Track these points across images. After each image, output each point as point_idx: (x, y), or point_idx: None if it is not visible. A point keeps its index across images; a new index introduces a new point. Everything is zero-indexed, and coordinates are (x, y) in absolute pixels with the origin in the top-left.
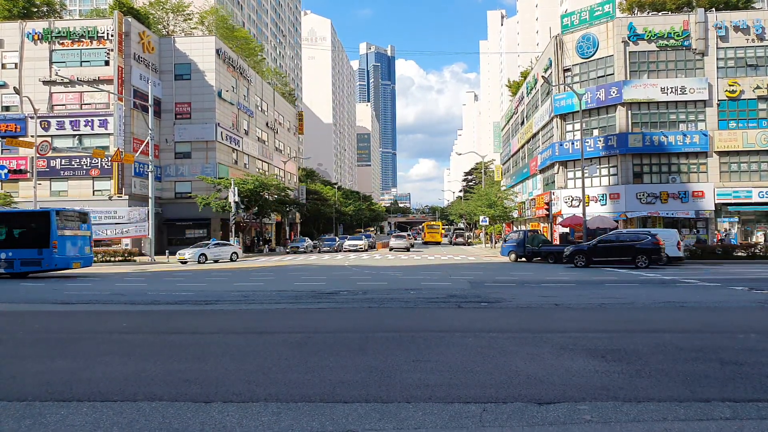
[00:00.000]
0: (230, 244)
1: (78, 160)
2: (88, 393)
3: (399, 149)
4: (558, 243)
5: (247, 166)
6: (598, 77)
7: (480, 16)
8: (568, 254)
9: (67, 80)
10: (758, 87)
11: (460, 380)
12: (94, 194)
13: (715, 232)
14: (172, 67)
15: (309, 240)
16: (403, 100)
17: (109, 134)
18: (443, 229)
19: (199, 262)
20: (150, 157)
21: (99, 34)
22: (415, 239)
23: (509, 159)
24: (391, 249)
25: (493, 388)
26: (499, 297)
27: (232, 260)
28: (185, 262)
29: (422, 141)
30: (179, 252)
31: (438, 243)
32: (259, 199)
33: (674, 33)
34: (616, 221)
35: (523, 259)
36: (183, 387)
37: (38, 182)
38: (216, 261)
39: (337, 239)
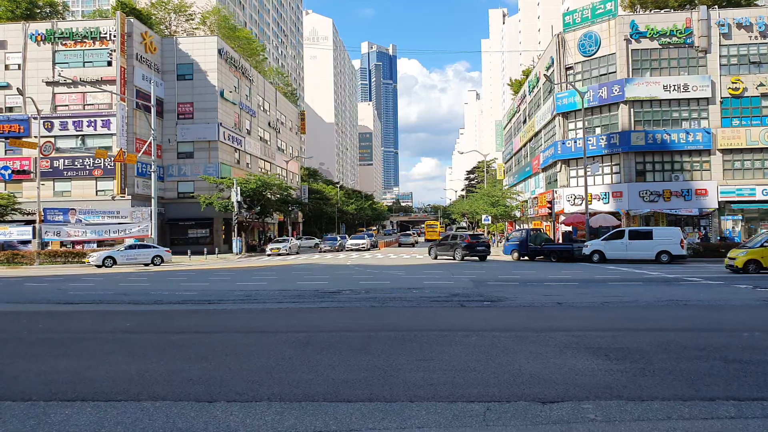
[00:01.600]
0: (154, 246)
1: (81, 161)
2: (91, 393)
3: (402, 148)
4: (561, 242)
5: (249, 165)
6: (601, 75)
7: (482, 15)
8: (429, 247)
9: (70, 81)
10: (761, 84)
11: (464, 379)
12: (97, 194)
13: (695, 230)
14: (175, 67)
15: (293, 239)
16: (407, 98)
17: (111, 134)
18: (442, 227)
19: (105, 266)
20: (153, 157)
21: (101, 35)
22: (419, 236)
23: (511, 157)
24: (400, 244)
25: (497, 387)
26: (501, 296)
27: (154, 264)
28: (100, 266)
29: (425, 140)
30: (89, 254)
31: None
32: (262, 199)
33: (677, 30)
34: (619, 217)
35: (526, 257)
36: (186, 386)
37: (41, 183)
38: (146, 265)
39: (338, 238)
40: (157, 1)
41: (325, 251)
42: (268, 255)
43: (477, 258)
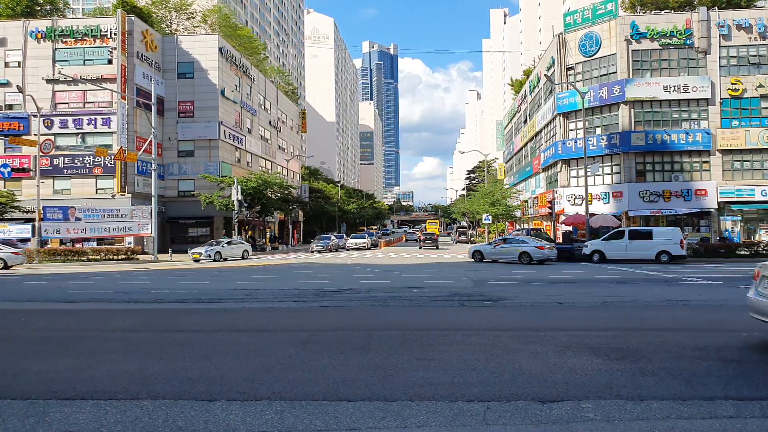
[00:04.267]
0: None
1: (81, 159)
2: (91, 391)
3: (404, 147)
4: (561, 241)
5: (250, 164)
6: (601, 75)
7: (484, 15)
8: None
9: (70, 79)
10: (761, 85)
11: (464, 378)
12: (97, 193)
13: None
14: (175, 65)
15: (236, 241)
16: (410, 98)
17: (112, 133)
18: (441, 226)
19: None
20: (153, 156)
21: (102, 33)
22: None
23: (512, 157)
24: (406, 240)
25: (497, 387)
26: (502, 295)
27: None
28: None
29: (427, 139)
30: None
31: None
32: (262, 198)
33: (677, 31)
34: (619, 217)
35: None
36: (187, 385)
37: (41, 181)
38: None
39: (333, 237)
40: None
41: (316, 251)
42: (195, 261)
43: (432, 245)
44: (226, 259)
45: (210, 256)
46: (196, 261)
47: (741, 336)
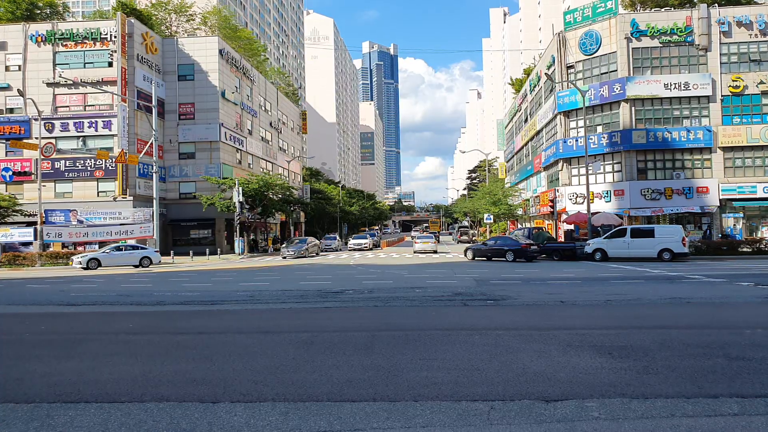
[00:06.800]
0: None
1: (82, 162)
2: (95, 394)
3: (406, 147)
4: (563, 240)
5: (251, 166)
6: (602, 74)
7: (484, 14)
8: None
9: (71, 82)
10: (762, 82)
11: (467, 378)
12: (98, 195)
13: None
14: (176, 67)
15: (147, 247)
16: (413, 98)
17: (113, 135)
18: (443, 226)
19: None
20: (154, 158)
21: (102, 36)
22: (422, 232)
23: (513, 156)
24: (412, 238)
25: (501, 386)
26: (504, 294)
27: None
28: None
29: (429, 139)
30: None
31: None
32: (264, 199)
33: (677, 29)
34: (621, 217)
35: None
36: (190, 387)
37: (43, 184)
38: None
39: (310, 239)
40: (157, 1)
41: (289, 257)
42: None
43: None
44: (136, 266)
45: (81, 263)
46: (85, 269)
47: (744, 333)
